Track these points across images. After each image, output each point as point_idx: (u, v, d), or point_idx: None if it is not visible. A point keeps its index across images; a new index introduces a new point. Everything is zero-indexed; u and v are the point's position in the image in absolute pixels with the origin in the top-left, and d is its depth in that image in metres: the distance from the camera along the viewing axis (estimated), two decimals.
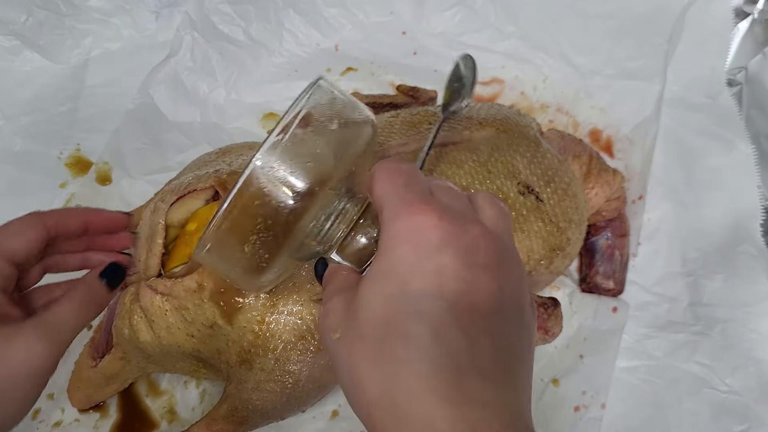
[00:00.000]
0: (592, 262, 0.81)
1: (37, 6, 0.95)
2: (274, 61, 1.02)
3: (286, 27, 1.03)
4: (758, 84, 0.86)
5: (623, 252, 0.81)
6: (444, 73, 0.98)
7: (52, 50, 0.98)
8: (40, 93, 0.95)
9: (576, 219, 0.71)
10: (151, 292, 0.64)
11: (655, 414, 0.74)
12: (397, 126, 0.71)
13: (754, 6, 0.89)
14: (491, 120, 0.73)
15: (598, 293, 0.81)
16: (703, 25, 0.86)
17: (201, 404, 0.78)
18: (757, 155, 0.80)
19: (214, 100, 0.98)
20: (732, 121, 0.81)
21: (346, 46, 1.03)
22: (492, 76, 0.99)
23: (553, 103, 0.96)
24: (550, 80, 0.97)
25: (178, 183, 0.70)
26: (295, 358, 0.62)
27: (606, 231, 0.81)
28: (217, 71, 0.99)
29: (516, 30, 0.99)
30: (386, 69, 1.01)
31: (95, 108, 0.97)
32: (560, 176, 0.71)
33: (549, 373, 0.77)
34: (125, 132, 0.93)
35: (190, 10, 0.99)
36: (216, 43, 0.99)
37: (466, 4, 0.99)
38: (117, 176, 0.91)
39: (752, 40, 0.89)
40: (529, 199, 0.68)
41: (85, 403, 0.76)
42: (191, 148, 0.93)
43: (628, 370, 0.77)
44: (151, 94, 0.96)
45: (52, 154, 0.93)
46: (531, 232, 0.68)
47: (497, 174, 0.67)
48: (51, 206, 0.89)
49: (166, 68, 0.97)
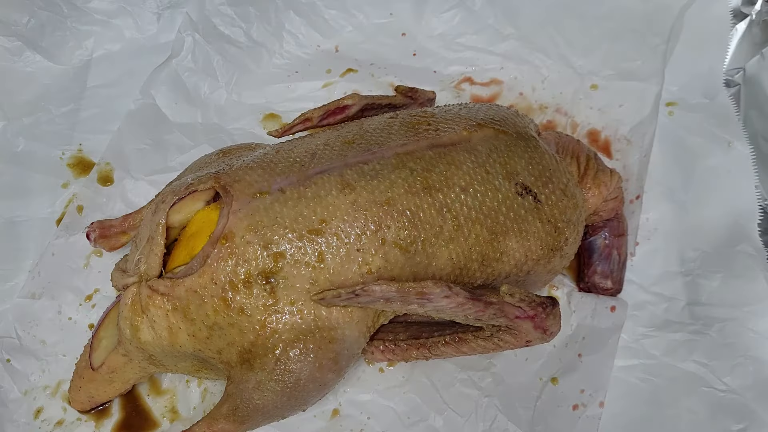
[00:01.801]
0: (590, 261, 0.81)
1: (39, 7, 0.95)
2: (275, 62, 1.02)
3: (287, 28, 1.03)
4: (756, 85, 0.86)
5: (621, 251, 0.82)
6: (443, 73, 0.99)
7: (54, 51, 0.98)
8: (42, 94, 0.96)
9: (574, 219, 0.71)
10: (153, 292, 0.65)
11: (653, 412, 0.74)
12: (396, 127, 0.72)
13: (752, 7, 0.89)
14: (489, 121, 0.73)
15: (596, 293, 0.81)
16: (701, 26, 0.87)
17: (202, 403, 0.78)
18: (755, 155, 0.80)
19: (215, 101, 0.98)
20: (730, 121, 0.82)
21: (346, 47, 1.04)
22: (491, 77, 0.99)
23: (552, 104, 0.96)
24: (549, 81, 0.98)
25: (179, 184, 0.71)
26: (295, 357, 0.62)
27: (604, 231, 0.82)
28: (218, 72, 1.00)
29: (515, 31, 0.99)
30: (386, 70, 1.01)
31: (97, 108, 0.98)
32: (558, 177, 0.71)
33: (548, 371, 0.78)
34: (127, 133, 0.94)
35: (191, 11, 0.99)
36: (217, 45, 1.00)
37: (466, 5, 1.00)
38: (119, 177, 0.91)
39: (750, 42, 0.89)
40: (527, 200, 0.68)
41: (87, 405, 0.76)
42: (193, 148, 0.94)
43: (626, 369, 0.77)
44: (153, 95, 0.96)
45: (54, 154, 0.94)
46: (529, 233, 0.68)
47: (495, 174, 0.68)
48: (53, 206, 0.91)
49: (167, 69, 0.98)
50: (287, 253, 0.63)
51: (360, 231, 0.63)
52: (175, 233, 0.70)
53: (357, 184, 0.65)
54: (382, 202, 0.64)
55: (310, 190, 0.65)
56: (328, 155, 0.69)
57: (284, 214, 0.64)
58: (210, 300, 0.63)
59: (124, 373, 0.74)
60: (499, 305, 0.65)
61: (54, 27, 0.98)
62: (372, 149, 0.69)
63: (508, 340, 0.69)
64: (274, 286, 0.63)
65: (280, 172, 0.67)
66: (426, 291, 0.62)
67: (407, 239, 0.64)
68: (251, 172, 0.67)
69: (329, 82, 1.00)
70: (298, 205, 0.64)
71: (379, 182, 0.65)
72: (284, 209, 0.64)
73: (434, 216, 0.65)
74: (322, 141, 0.72)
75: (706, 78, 0.85)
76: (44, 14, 0.96)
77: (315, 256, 0.63)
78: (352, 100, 0.82)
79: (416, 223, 0.65)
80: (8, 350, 0.80)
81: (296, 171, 0.67)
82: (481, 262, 0.67)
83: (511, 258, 0.68)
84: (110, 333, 0.74)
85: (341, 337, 0.64)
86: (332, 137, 0.72)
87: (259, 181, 0.66)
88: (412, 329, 0.74)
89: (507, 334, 0.68)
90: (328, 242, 0.63)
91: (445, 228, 0.65)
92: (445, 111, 0.76)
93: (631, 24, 0.93)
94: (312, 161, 0.68)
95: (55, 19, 0.97)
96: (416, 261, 0.65)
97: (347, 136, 0.72)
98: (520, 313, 0.66)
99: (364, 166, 0.67)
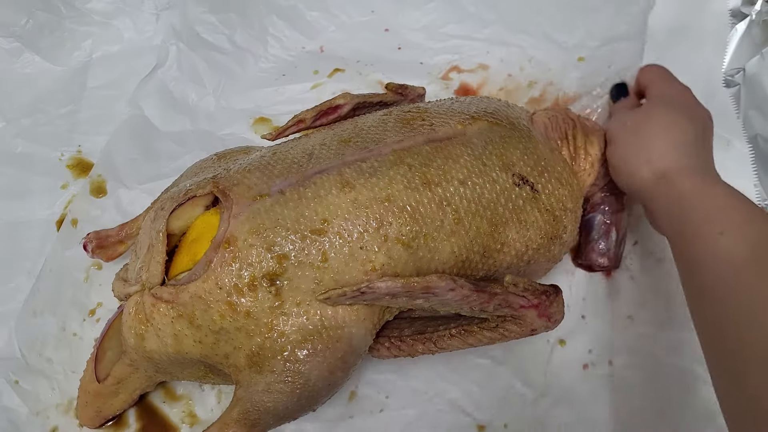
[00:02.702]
0: (588, 239, 0.82)
1: (37, 8, 0.95)
2: (261, 66, 1.02)
3: (270, 32, 1.03)
4: (756, 85, 0.87)
5: (619, 228, 0.82)
6: (429, 64, 1.00)
7: (53, 52, 0.98)
8: (40, 95, 0.96)
9: (571, 206, 0.72)
10: (156, 300, 0.65)
11: (655, 409, 0.75)
12: (391, 123, 0.72)
13: (752, 7, 0.90)
14: (482, 113, 0.74)
15: (592, 270, 0.83)
16: (700, 25, 0.88)
17: (219, 404, 0.79)
18: (753, 154, 0.81)
19: (204, 108, 0.98)
20: (729, 120, 0.83)
21: (331, 46, 1.04)
22: (478, 62, 0.99)
23: (542, 79, 0.96)
24: (535, 59, 0.97)
25: (177, 190, 0.71)
26: (304, 358, 0.63)
27: (603, 207, 0.82)
28: (205, 79, 0.99)
29: (496, 17, 0.99)
30: (373, 67, 1.01)
31: (96, 110, 0.98)
32: (553, 166, 0.72)
33: (554, 334, 0.79)
34: (117, 144, 0.93)
35: (173, 20, 0.99)
36: (202, 52, 1.00)
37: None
38: (112, 187, 0.91)
39: (750, 42, 0.90)
40: (524, 190, 0.69)
41: (96, 420, 0.76)
42: (185, 154, 0.93)
43: (627, 367, 0.78)
44: (141, 106, 0.96)
45: (53, 155, 0.94)
46: (528, 223, 0.69)
47: (492, 166, 0.68)
48: (52, 207, 0.91)
49: (153, 79, 0.97)
50: (291, 254, 0.63)
51: (362, 229, 0.64)
52: (176, 240, 0.69)
53: (356, 182, 0.65)
54: (383, 198, 0.65)
55: (310, 191, 0.65)
56: (325, 155, 0.69)
57: (285, 216, 0.64)
58: (216, 305, 0.63)
59: (130, 383, 0.73)
60: (503, 295, 0.65)
61: (52, 28, 0.97)
62: (369, 147, 0.69)
63: (514, 329, 0.69)
64: (279, 288, 0.63)
65: (278, 173, 0.67)
66: (431, 285, 0.62)
67: (409, 235, 0.65)
68: (249, 176, 0.68)
69: (318, 83, 1.00)
70: (298, 206, 0.64)
71: (378, 179, 0.66)
72: (285, 211, 0.64)
73: (435, 210, 0.66)
74: (318, 141, 0.72)
75: (704, 77, 0.85)
76: (43, 15, 0.96)
77: (318, 256, 0.63)
78: (344, 99, 0.82)
79: (417, 218, 0.65)
80: (15, 371, 0.79)
81: (295, 172, 0.67)
82: (482, 254, 0.68)
83: (511, 248, 0.69)
84: (114, 344, 0.74)
85: (348, 335, 0.65)
86: (328, 137, 0.72)
87: (258, 184, 0.66)
88: (416, 324, 0.75)
89: (512, 324, 0.69)
90: (331, 241, 0.63)
91: (446, 222, 0.66)
92: (437, 106, 0.77)
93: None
94: (310, 161, 0.68)
95: (53, 21, 0.97)
96: (419, 256, 0.65)
97: (343, 135, 0.72)
98: (525, 303, 0.66)
99: (363, 164, 0.67)
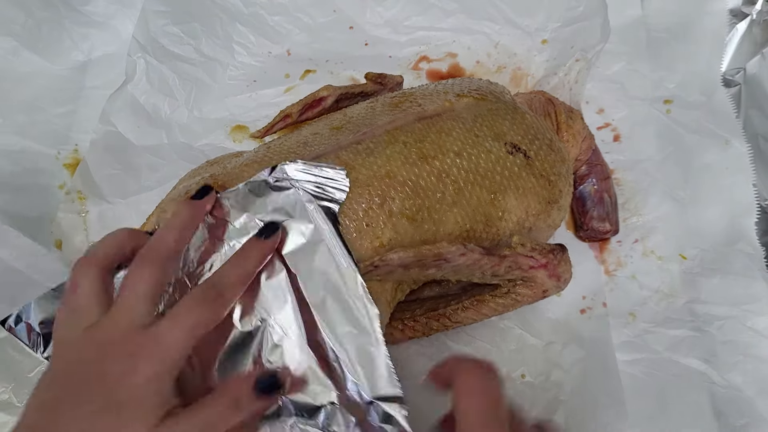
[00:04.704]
0: (585, 209, 0.84)
1: (36, 7, 0.93)
2: (231, 74, 1.02)
3: (236, 40, 1.03)
4: (757, 85, 0.88)
5: (611, 193, 0.84)
6: (398, 57, 1.01)
7: (51, 52, 0.96)
8: (38, 94, 0.94)
9: (563, 171, 0.73)
10: None
11: (658, 405, 0.75)
12: (379, 108, 0.73)
13: (753, 7, 0.91)
14: (467, 91, 0.75)
15: (597, 238, 0.84)
16: (698, 24, 0.90)
17: None
18: (752, 153, 0.83)
19: (177, 120, 0.97)
20: (728, 119, 0.84)
21: (298, 49, 1.04)
22: (445, 51, 1.02)
23: (510, 63, 1.00)
24: (501, 45, 1.00)
25: (176, 192, 0.71)
26: None
27: (590, 177, 0.84)
28: (175, 91, 0.98)
29: (458, 6, 1.02)
30: (343, 65, 1.02)
31: (93, 109, 0.96)
32: (542, 133, 0.73)
33: None
34: (93, 162, 0.92)
35: (137, 34, 0.98)
36: (170, 64, 0.98)
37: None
38: (93, 204, 0.90)
39: (751, 41, 0.91)
40: (518, 157, 0.70)
41: None
42: (165, 166, 0.92)
43: (630, 363, 0.77)
44: (113, 122, 0.94)
45: (50, 154, 0.93)
46: (526, 189, 0.70)
47: (484, 137, 0.69)
48: (48, 206, 0.89)
49: (123, 95, 0.96)
50: None
51: (366, 206, 0.64)
52: None
53: (354, 162, 0.66)
54: (383, 175, 0.65)
55: None
56: (319, 141, 0.69)
57: None
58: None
59: None
60: (512, 257, 0.66)
61: (51, 27, 0.95)
62: (362, 130, 0.70)
63: (525, 293, 0.70)
64: None
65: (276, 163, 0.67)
66: (443, 251, 0.63)
67: (413, 208, 0.65)
68: (248, 169, 0.68)
69: (291, 86, 1.00)
70: None
71: (375, 158, 0.66)
72: None
73: (435, 183, 0.66)
74: (310, 132, 0.72)
75: (703, 75, 0.88)
76: (41, 15, 0.93)
77: None
78: (327, 91, 0.83)
79: (418, 191, 0.66)
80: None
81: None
82: (485, 223, 0.68)
83: (512, 215, 0.70)
84: None
85: None
86: (319, 127, 0.73)
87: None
88: (428, 304, 0.76)
89: (523, 287, 0.70)
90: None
91: (447, 193, 0.66)
92: (422, 89, 0.78)
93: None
94: (305, 150, 0.68)
95: (52, 20, 0.95)
96: (424, 228, 0.66)
97: (334, 123, 0.72)
98: (534, 263, 0.68)
99: (358, 146, 0.67)
